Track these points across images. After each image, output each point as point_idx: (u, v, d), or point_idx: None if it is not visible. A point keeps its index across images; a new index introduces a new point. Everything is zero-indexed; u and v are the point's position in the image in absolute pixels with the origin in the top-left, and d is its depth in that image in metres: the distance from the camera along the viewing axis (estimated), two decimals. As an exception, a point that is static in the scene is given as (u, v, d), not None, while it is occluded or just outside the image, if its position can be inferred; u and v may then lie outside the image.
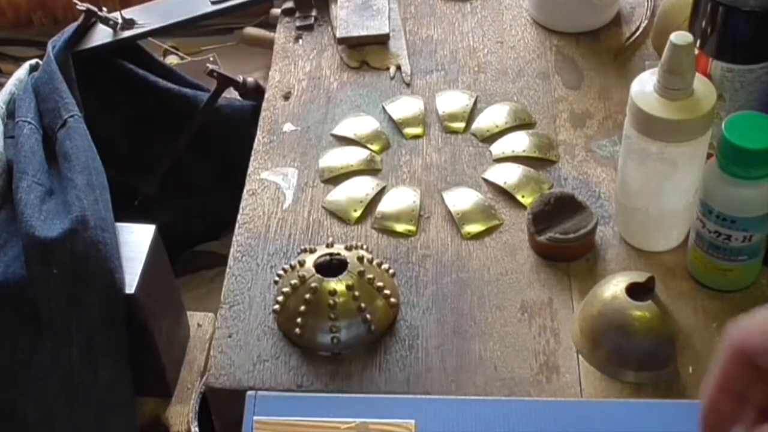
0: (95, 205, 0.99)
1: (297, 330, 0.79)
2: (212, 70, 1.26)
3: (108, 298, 0.97)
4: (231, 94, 1.35)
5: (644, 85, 0.78)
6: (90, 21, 1.27)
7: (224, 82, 1.28)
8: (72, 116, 1.08)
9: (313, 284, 0.79)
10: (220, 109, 1.32)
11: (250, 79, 1.32)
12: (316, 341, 0.78)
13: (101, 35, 1.30)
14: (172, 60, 1.96)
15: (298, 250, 0.85)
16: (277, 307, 0.81)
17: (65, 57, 1.19)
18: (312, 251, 0.82)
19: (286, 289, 0.80)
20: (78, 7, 1.27)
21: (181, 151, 1.33)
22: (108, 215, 1.01)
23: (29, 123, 1.08)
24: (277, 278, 0.83)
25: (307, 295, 0.78)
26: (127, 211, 1.09)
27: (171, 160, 1.34)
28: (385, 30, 1.08)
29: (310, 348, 0.78)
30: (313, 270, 0.80)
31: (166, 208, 1.33)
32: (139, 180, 1.35)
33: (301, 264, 0.81)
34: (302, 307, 0.78)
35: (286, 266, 0.82)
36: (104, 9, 1.30)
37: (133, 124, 1.34)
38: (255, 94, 1.31)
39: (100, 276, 0.97)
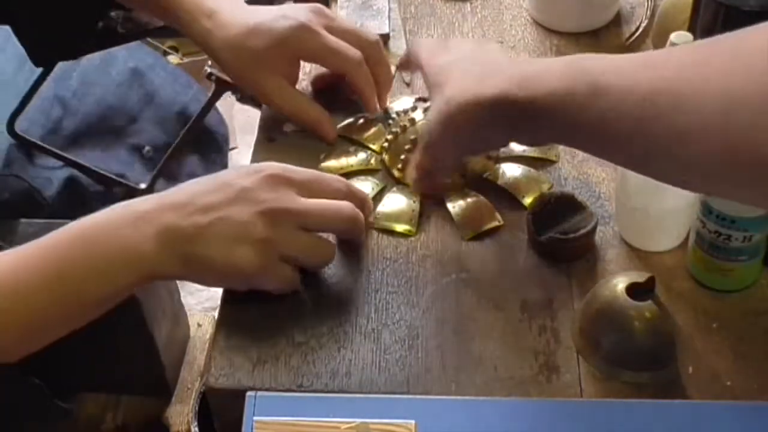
0: None
1: (399, 165, 0.91)
2: (211, 73, 1.26)
3: None
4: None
5: (644, 85, 0.78)
6: None
7: (222, 85, 1.28)
8: None
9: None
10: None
11: None
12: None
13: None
14: (171, 60, 1.97)
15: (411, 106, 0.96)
16: (386, 144, 0.93)
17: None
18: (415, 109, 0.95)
19: (395, 130, 0.92)
20: None
21: (178, 150, 1.34)
22: None
23: None
24: (389, 122, 0.95)
25: (413, 136, 0.90)
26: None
27: (167, 159, 1.35)
28: (385, 30, 1.08)
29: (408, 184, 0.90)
30: (422, 115, 0.92)
31: None
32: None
33: (410, 120, 0.92)
34: (407, 146, 0.90)
35: (400, 111, 0.95)
36: (104, 8, 1.30)
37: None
38: (252, 98, 1.31)
39: None
